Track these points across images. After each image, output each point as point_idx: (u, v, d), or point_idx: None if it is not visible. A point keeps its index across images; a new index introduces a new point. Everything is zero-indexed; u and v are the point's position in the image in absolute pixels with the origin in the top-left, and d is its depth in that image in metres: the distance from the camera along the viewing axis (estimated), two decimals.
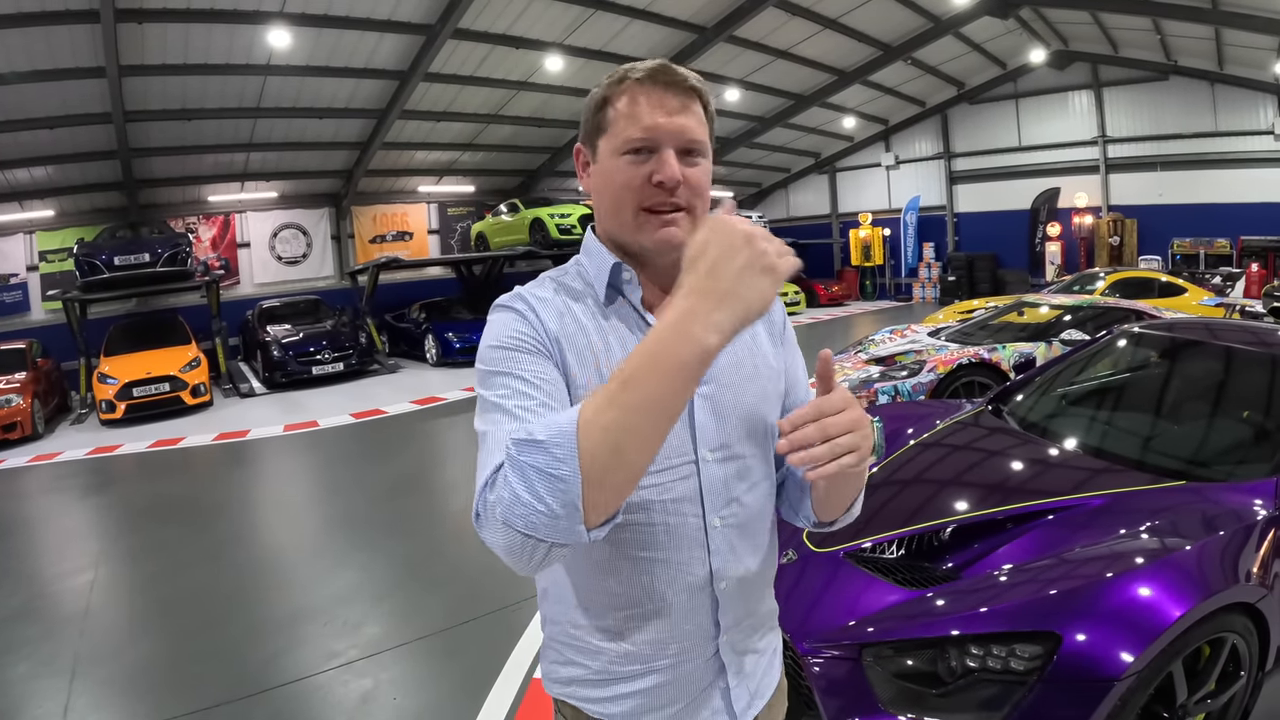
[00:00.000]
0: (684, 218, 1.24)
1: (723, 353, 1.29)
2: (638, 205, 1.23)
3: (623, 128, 1.23)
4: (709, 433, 1.28)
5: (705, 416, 1.28)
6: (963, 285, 21.96)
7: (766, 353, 1.41)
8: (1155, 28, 16.81)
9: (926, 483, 3.48)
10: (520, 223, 18.23)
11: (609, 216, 1.29)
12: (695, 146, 1.25)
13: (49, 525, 7.55)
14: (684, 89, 1.24)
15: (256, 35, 12.22)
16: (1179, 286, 12.40)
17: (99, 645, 4.62)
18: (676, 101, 1.23)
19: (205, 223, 18.37)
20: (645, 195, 1.23)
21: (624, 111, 1.24)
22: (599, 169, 1.29)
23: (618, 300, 1.30)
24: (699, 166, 1.26)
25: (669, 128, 1.22)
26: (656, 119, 1.22)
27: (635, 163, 1.23)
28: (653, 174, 1.21)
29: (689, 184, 1.24)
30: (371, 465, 8.44)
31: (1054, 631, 2.32)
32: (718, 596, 1.30)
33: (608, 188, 1.27)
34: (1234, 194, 18.27)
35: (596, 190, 1.31)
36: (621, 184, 1.24)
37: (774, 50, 17.63)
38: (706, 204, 1.28)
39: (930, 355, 7.76)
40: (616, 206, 1.26)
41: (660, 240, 1.24)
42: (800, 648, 2.58)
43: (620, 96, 1.25)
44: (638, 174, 1.22)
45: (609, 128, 1.26)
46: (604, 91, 1.28)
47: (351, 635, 4.40)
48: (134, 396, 11.97)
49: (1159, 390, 4.18)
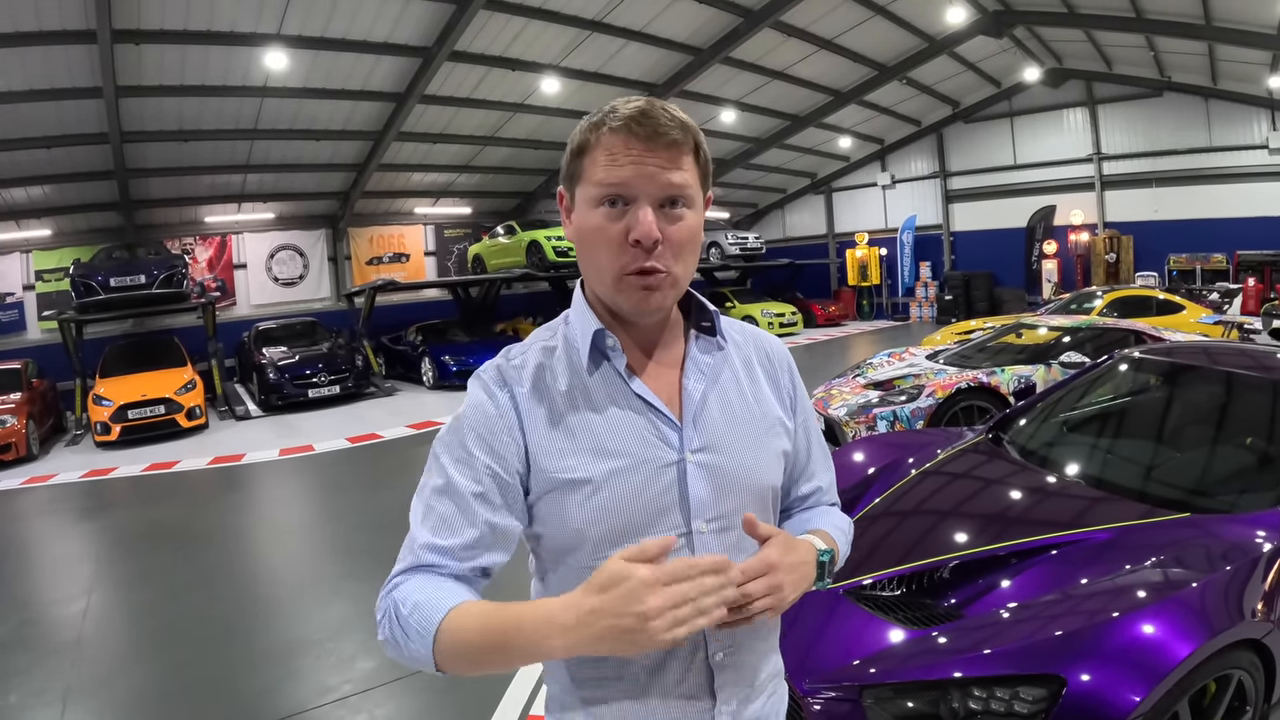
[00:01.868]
0: (666, 283, 1.18)
1: (722, 414, 1.28)
2: (618, 270, 1.17)
3: (597, 176, 1.16)
4: (704, 504, 1.22)
5: (701, 486, 1.22)
6: (960, 304, 21.95)
7: (770, 410, 1.35)
8: (1149, 44, 16.94)
9: (927, 514, 3.44)
10: (517, 245, 18.22)
11: (589, 270, 1.24)
12: (678, 196, 1.17)
13: (42, 550, 7.49)
14: (667, 137, 1.15)
15: (253, 57, 12.28)
16: (1177, 304, 12.38)
17: (91, 675, 4.55)
18: (657, 155, 1.15)
19: (202, 244, 18.39)
20: (623, 258, 1.16)
21: (600, 160, 1.16)
22: (576, 219, 1.22)
23: (602, 364, 1.25)
24: (683, 220, 1.18)
25: (644, 179, 1.14)
26: (631, 170, 1.14)
27: (611, 216, 1.16)
28: (629, 231, 1.15)
29: (670, 243, 1.17)
30: (366, 491, 8.39)
31: (1058, 674, 2.27)
32: (713, 668, 1.24)
33: (584, 243, 1.21)
34: (1229, 209, 18.33)
35: (576, 242, 1.24)
36: (597, 241, 1.18)
37: (770, 71, 17.74)
38: (692, 260, 1.22)
39: (929, 379, 7.71)
40: (596, 266, 1.20)
41: (640, 306, 1.20)
42: (799, 687, 2.53)
43: (596, 144, 1.17)
44: (614, 230, 1.16)
45: (584, 175, 1.19)
46: (582, 136, 1.20)
47: (346, 669, 4.34)
48: (129, 419, 11.89)
49: (1160, 417, 4.16)
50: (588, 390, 1.23)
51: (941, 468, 3.89)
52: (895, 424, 7.28)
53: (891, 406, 7.39)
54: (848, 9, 15.69)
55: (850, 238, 25.55)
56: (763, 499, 1.30)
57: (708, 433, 1.25)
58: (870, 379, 8.21)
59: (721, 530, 1.23)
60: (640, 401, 1.23)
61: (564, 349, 1.27)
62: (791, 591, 1.14)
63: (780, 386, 1.40)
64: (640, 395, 1.23)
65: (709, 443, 1.24)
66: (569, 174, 1.24)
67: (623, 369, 1.24)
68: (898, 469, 3.93)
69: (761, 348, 1.42)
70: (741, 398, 1.32)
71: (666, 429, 1.23)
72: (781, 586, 1.12)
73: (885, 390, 7.73)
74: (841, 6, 15.54)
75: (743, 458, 1.26)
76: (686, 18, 14.72)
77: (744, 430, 1.29)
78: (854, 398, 7.72)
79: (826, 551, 1.27)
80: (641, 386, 1.24)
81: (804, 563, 1.20)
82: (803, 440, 1.45)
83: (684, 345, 1.32)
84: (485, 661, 1.07)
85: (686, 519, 1.21)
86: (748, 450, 1.28)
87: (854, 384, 8.18)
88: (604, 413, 1.21)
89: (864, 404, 7.53)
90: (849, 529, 1.47)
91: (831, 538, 1.34)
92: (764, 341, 1.43)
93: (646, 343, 1.27)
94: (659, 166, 1.15)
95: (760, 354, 1.41)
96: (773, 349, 1.43)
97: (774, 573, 1.11)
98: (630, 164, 1.14)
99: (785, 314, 21.46)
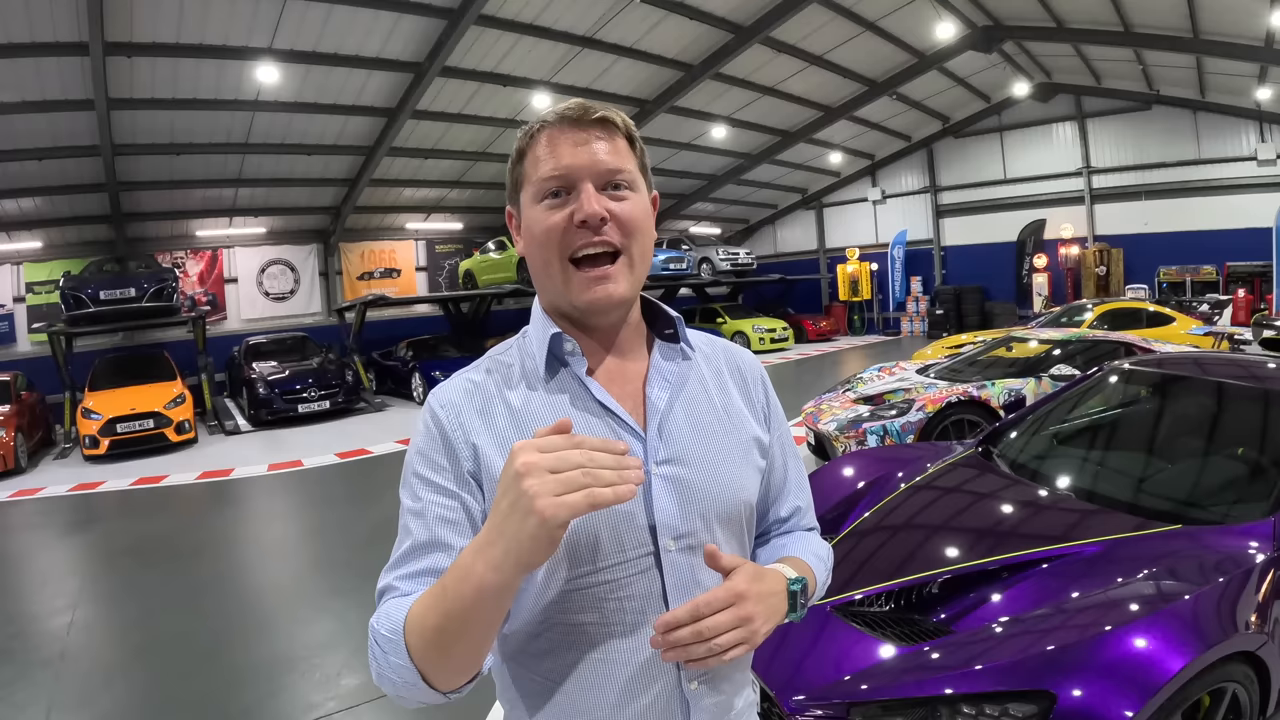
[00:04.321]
0: (619, 269, 1.15)
1: (689, 425, 1.21)
2: (563, 255, 1.14)
3: (537, 172, 1.14)
4: (671, 519, 1.13)
5: (667, 501, 1.14)
6: (950, 318, 22.00)
7: (743, 424, 1.28)
8: (1137, 58, 17.07)
9: (917, 529, 3.40)
10: (508, 260, 18.24)
11: (540, 276, 1.19)
12: (618, 178, 1.15)
13: (28, 563, 7.42)
14: (595, 121, 1.14)
15: (245, 71, 12.27)
16: (1167, 316, 12.41)
17: (75, 690, 4.49)
18: (589, 134, 1.14)
19: (193, 257, 18.35)
20: (569, 240, 1.13)
21: (539, 156, 1.15)
22: (525, 224, 1.18)
23: (560, 372, 1.19)
24: (628, 200, 1.15)
25: (582, 160, 1.12)
26: (568, 155, 1.13)
27: (554, 206, 1.13)
28: (573, 214, 1.12)
29: (617, 220, 1.13)
30: (354, 507, 8.33)
31: (1049, 690, 2.24)
32: (687, 698, 1.16)
33: (532, 242, 1.17)
34: (1218, 221, 18.43)
35: (526, 250, 1.20)
36: (543, 232, 1.14)
37: (760, 87, 17.80)
38: (644, 244, 1.19)
39: (919, 393, 7.69)
40: (544, 261, 1.16)
41: (591, 301, 1.14)
42: (786, 706, 2.49)
43: (533, 144, 1.16)
44: (558, 218, 1.13)
45: (526, 178, 1.17)
46: (519, 144, 1.19)
47: (330, 686, 4.28)
48: (118, 433, 11.83)
49: (1151, 429, 4.14)
50: (545, 397, 1.17)
51: (931, 482, 3.86)
52: (885, 438, 7.26)
53: (882, 421, 7.37)
54: (837, 25, 15.75)
55: (841, 253, 25.59)
56: (735, 516, 1.22)
57: (674, 444, 1.17)
58: (860, 393, 8.19)
59: (690, 549, 1.14)
60: (600, 407, 1.16)
61: (519, 359, 1.22)
62: (763, 624, 1.08)
63: (754, 400, 1.34)
64: (600, 401, 1.17)
65: (675, 454, 1.17)
66: (512, 184, 1.21)
67: (582, 373, 1.18)
68: (887, 483, 3.91)
69: (733, 359, 1.36)
70: (711, 409, 1.25)
71: (629, 438, 1.15)
72: (752, 618, 1.05)
73: (875, 405, 7.71)
74: (831, 23, 15.60)
75: (713, 471, 1.19)
76: (677, 34, 14.77)
77: (714, 443, 1.21)
78: (844, 412, 7.71)
79: (798, 580, 1.19)
80: (601, 392, 1.17)
81: (774, 593, 1.13)
82: (779, 457, 1.38)
83: (648, 354, 1.27)
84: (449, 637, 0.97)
85: (653, 536, 1.13)
86: (719, 464, 1.20)
87: (844, 399, 8.16)
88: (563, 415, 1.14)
89: (854, 418, 7.51)
90: (828, 557, 1.40)
91: (807, 564, 1.28)
92: (735, 354, 1.38)
93: (607, 349, 1.22)
94: (595, 145, 1.14)
95: (731, 366, 1.35)
96: (744, 361, 1.38)
97: (742, 603, 1.05)
98: (566, 149, 1.13)
99: (776, 329, 21.52)
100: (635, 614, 1.12)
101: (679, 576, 1.14)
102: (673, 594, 1.13)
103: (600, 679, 1.12)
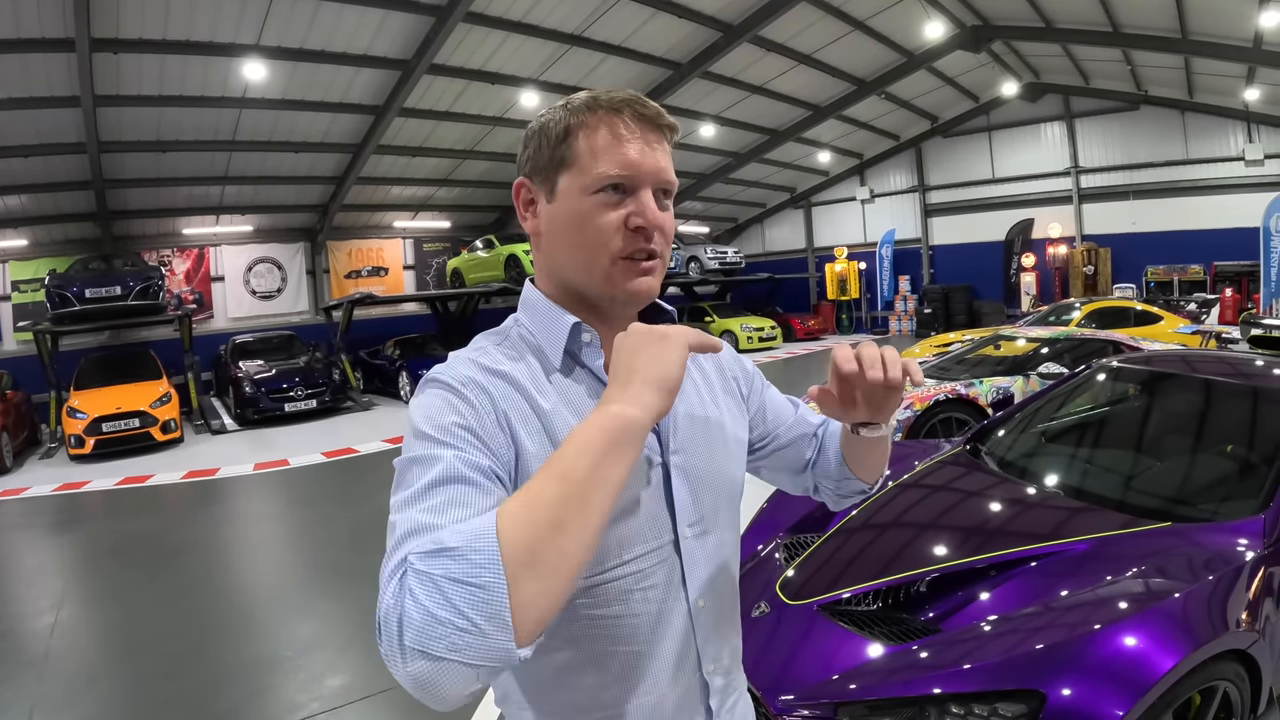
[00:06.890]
0: (658, 265, 1.14)
1: (687, 418, 1.21)
2: (615, 253, 1.10)
3: (596, 163, 1.09)
4: (686, 507, 1.16)
5: (682, 489, 1.16)
6: (939, 318, 22.05)
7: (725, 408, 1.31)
8: (1126, 58, 17.15)
9: (905, 527, 3.38)
10: (496, 259, 18.21)
11: (573, 263, 1.13)
12: (670, 188, 1.15)
13: (12, 563, 7.35)
14: (662, 125, 1.14)
15: (232, 68, 12.16)
16: (1155, 315, 12.46)
17: (58, 691, 4.45)
18: (655, 137, 1.13)
19: (179, 255, 18.21)
20: (618, 241, 1.09)
21: (598, 145, 1.10)
22: (561, 209, 1.12)
23: (573, 363, 1.16)
24: (669, 211, 1.16)
25: (649, 166, 1.10)
26: (637, 156, 1.10)
27: (609, 203, 1.09)
28: (630, 217, 1.09)
29: (662, 232, 1.13)
30: (340, 506, 8.29)
31: (1038, 689, 2.22)
32: (707, 680, 1.20)
33: (576, 230, 1.11)
34: (1206, 220, 18.53)
35: (556, 233, 1.14)
36: (594, 228, 1.10)
37: (749, 86, 17.80)
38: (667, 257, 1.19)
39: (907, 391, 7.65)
40: (588, 253, 1.11)
41: (635, 290, 1.12)
42: (773, 706, 2.47)
43: (591, 128, 1.11)
44: (614, 218, 1.09)
45: (575, 162, 1.11)
46: (567, 120, 1.12)
47: (314, 686, 4.25)
48: (103, 432, 11.74)
49: (1139, 426, 4.13)
50: (563, 390, 1.13)
51: (919, 480, 3.85)
52: None
53: None
54: (826, 24, 15.76)
55: (829, 252, 25.62)
56: (733, 497, 1.27)
57: (679, 434, 1.19)
58: None
59: (702, 534, 1.18)
60: None
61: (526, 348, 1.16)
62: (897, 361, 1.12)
63: (725, 373, 1.37)
64: None
65: (681, 445, 1.19)
66: (549, 160, 1.14)
67: (594, 365, 1.16)
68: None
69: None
70: (699, 398, 1.26)
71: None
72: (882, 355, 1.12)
73: None
74: (820, 22, 15.60)
75: (711, 457, 1.22)
76: (666, 32, 14.75)
77: (709, 431, 1.24)
78: None
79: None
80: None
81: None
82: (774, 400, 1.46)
83: None
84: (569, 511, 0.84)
85: (674, 524, 1.15)
86: (715, 450, 1.23)
87: None
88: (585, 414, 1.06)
89: None
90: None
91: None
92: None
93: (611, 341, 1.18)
94: (660, 150, 1.14)
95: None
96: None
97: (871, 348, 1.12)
98: (635, 147, 1.11)
99: (765, 328, 21.52)
100: (658, 603, 1.13)
101: (694, 561, 1.17)
102: (690, 578, 1.16)
103: (628, 668, 1.12)
